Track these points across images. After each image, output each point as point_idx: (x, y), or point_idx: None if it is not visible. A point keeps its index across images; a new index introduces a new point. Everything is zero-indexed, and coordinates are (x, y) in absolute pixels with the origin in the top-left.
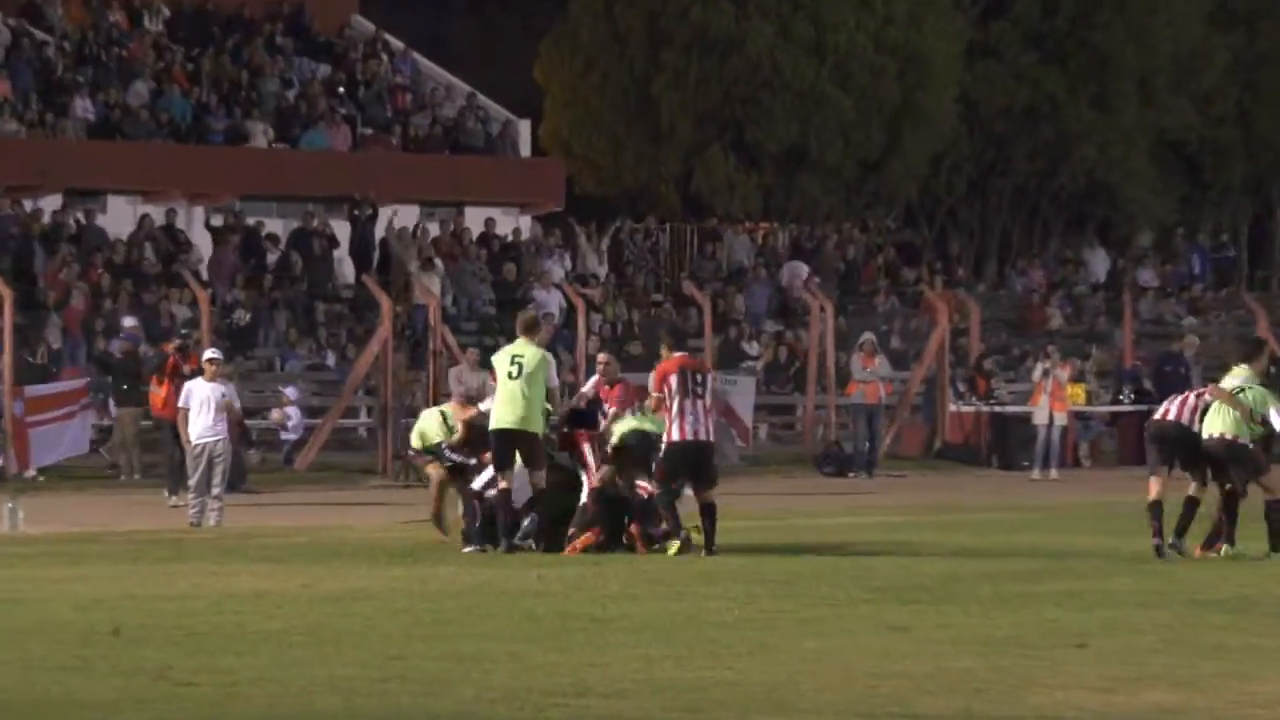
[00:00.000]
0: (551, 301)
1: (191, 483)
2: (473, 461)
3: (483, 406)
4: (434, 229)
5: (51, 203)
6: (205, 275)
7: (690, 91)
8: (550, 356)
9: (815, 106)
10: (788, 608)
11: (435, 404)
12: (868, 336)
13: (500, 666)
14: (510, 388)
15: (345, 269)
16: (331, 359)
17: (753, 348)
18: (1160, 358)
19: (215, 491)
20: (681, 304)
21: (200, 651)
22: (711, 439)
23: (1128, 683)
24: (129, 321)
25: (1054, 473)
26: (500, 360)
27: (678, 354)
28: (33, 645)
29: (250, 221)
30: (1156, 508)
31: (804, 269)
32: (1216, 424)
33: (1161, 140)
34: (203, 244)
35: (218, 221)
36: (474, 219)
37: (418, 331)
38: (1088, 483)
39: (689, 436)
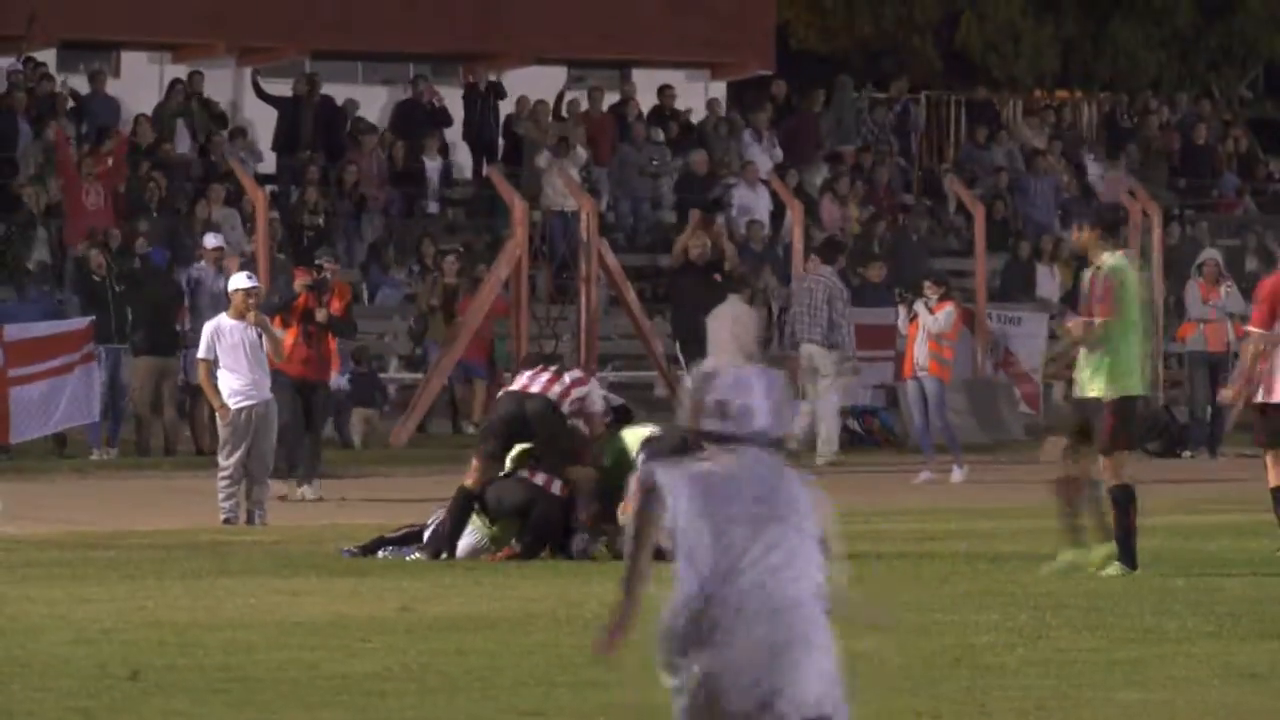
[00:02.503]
0: (759, 203)
1: (229, 462)
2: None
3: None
4: (584, 102)
5: (44, 61)
6: (260, 165)
7: None
8: None
9: None
10: (1093, 644)
11: (588, 357)
12: (1211, 255)
13: None
14: None
15: (459, 159)
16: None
17: (1047, 272)
18: None
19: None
20: (941, 207)
21: (252, 703)
22: None
23: None
24: (211, 241)
25: None
26: None
27: None
28: (17, 693)
29: (325, 90)
30: None
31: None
32: None
33: None
34: (258, 121)
35: (279, 90)
36: (644, 87)
37: (559, 249)
38: None
39: None
